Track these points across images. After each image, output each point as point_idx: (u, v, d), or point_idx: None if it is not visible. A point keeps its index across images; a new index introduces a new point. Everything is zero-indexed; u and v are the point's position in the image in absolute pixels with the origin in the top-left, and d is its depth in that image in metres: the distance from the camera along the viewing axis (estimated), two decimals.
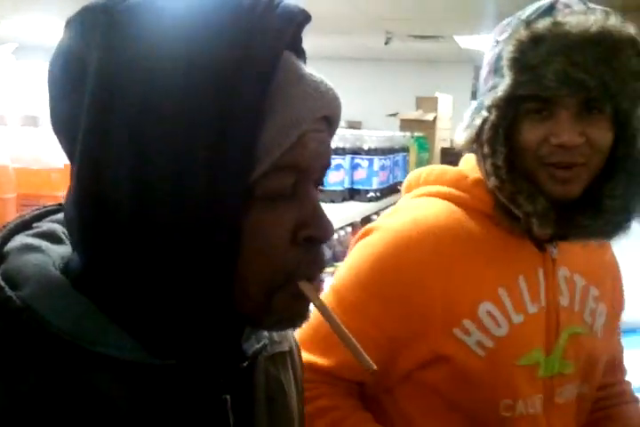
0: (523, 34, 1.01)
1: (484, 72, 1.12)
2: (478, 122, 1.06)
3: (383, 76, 9.24)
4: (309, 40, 0.68)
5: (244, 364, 0.69)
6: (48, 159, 1.38)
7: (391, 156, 3.45)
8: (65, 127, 0.61)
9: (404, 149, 3.94)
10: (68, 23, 0.61)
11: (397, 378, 1.12)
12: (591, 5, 1.05)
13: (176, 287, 0.59)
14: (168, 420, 0.61)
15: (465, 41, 7.28)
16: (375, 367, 0.63)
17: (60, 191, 1.35)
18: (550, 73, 0.98)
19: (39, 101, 1.62)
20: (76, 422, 0.56)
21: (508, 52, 1.02)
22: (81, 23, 0.60)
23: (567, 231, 1.09)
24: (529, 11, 1.07)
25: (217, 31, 0.57)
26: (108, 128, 0.57)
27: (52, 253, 0.64)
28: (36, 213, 0.69)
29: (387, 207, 3.46)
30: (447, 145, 5.34)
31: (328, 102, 0.62)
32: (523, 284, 1.11)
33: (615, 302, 1.26)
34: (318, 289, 0.66)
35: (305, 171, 0.61)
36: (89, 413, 0.56)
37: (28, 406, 0.55)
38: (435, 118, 5.33)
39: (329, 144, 0.64)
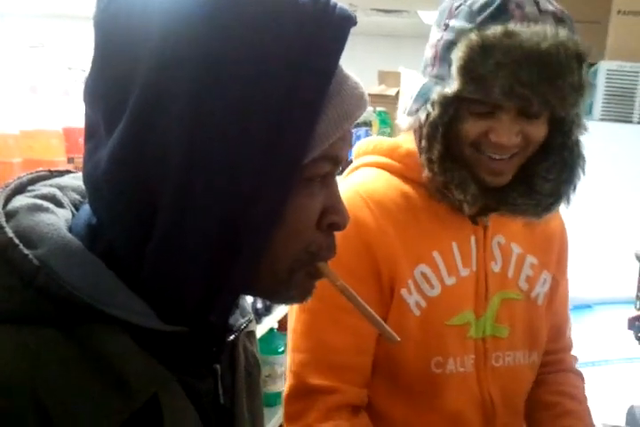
0: (474, 40, 1.02)
1: (429, 52, 1.14)
2: (423, 116, 1.09)
3: (346, 49, 9.16)
4: None
5: (231, 336, 0.72)
6: None
7: (354, 130, 3.45)
8: (110, 89, 0.60)
9: (367, 124, 3.94)
10: None
11: None
12: (542, 6, 1.05)
13: (207, 258, 0.59)
14: (169, 386, 0.62)
15: (428, 16, 7.27)
16: (399, 339, 0.71)
17: (14, 157, 1.32)
18: (497, 86, 1.01)
19: None
20: (81, 381, 0.56)
21: (458, 57, 1.03)
22: None
23: (498, 206, 1.15)
24: (478, 3, 1.06)
25: (288, 22, 0.59)
26: (165, 96, 0.57)
27: (60, 215, 0.63)
28: (29, 177, 0.68)
29: None
30: None
31: (364, 103, 0.66)
32: (455, 249, 1.17)
33: (560, 271, 1.31)
34: None
35: (338, 162, 0.66)
36: (95, 373, 0.56)
37: (36, 362, 0.54)
38: (397, 93, 5.33)
39: (352, 138, 0.69)
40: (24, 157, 1.35)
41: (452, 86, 1.04)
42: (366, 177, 1.19)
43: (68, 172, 0.72)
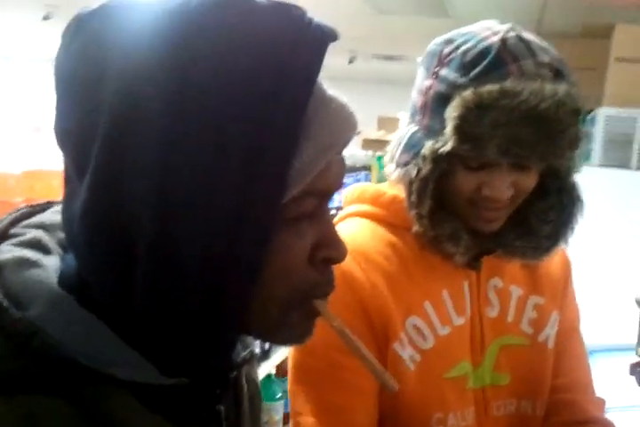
0: (469, 100, 0.98)
1: (418, 99, 1.10)
2: (413, 172, 1.05)
3: (346, 95, 9.13)
4: None
5: (234, 373, 0.69)
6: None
7: (353, 174, 3.47)
8: (74, 137, 0.57)
9: (366, 168, 3.96)
10: (82, 23, 0.57)
11: None
12: (539, 57, 1.01)
13: (193, 306, 0.56)
14: None
15: None
16: (397, 387, 0.65)
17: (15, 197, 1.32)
18: (492, 146, 0.98)
19: None
20: None
21: (452, 115, 0.99)
22: (100, 23, 0.56)
23: (495, 248, 1.11)
24: (471, 54, 1.01)
25: (258, 47, 0.54)
26: (130, 143, 0.53)
27: (49, 267, 0.60)
28: (12, 217, 0.65)
29: None
30: None
31: (352, 127, 0.62)
32: (447, 297, 1.11)
33: (568, 309, 1.24)
34: None
35: (327, 195, 0.62)
36: None
37: None
38: None
39: (345, 165, 0.64)
40: (25, 196, 1.36)
41: (447, 145, 1.01)
42: (351, 229, 1.14)
43: (49, 204, 0.68)
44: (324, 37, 0.57)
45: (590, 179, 2.55)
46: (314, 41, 0.56)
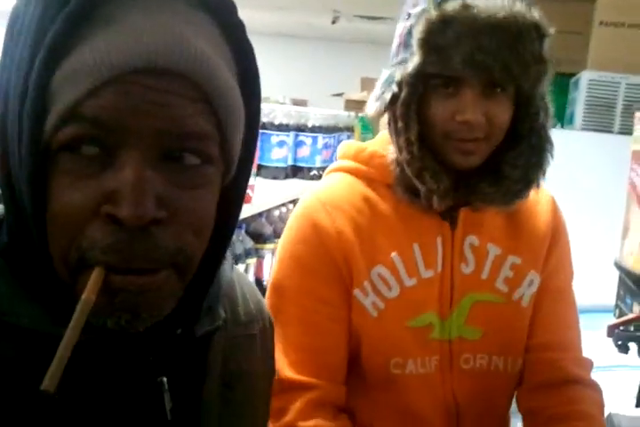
0: (433, 14, 1.04)
1: (395, 43, 1.16)
2: (388, 96, 1.11)
3: (329, 55, 9.20)
4: (257, 16, 0.65)
5: (189, 345, 0.65)
6: None
7: (335, 134, 3.46)
8: None
9: (349, 129, 3.94)
10: None
11: None
12: None
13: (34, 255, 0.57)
14: (85, 399, 0.57)
15: None
16: (51, 390, 0.50)
17: None
18: (457, 55, 1.03)
19: None
20: None
21: (418, 31, 1.06)
22: None
23: (469, 197, 1.15)
24: None
25: None
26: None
27: None
28: None
29: None
30: None
31: (152, 52, 0.52)
32: (417, 250, 1.16)
33: (556, 269, 1.25)
34: (124, 284, 0.54)
35: (117, 131, 0.52)
36: None
37: None
38: None
39: (162, 104, 0.53)
40: None
41: (414, 61, 1.06)
42: (330, 183, 1.22)
43: None
44: None
45: (573, 142, 2.56)
46: None
